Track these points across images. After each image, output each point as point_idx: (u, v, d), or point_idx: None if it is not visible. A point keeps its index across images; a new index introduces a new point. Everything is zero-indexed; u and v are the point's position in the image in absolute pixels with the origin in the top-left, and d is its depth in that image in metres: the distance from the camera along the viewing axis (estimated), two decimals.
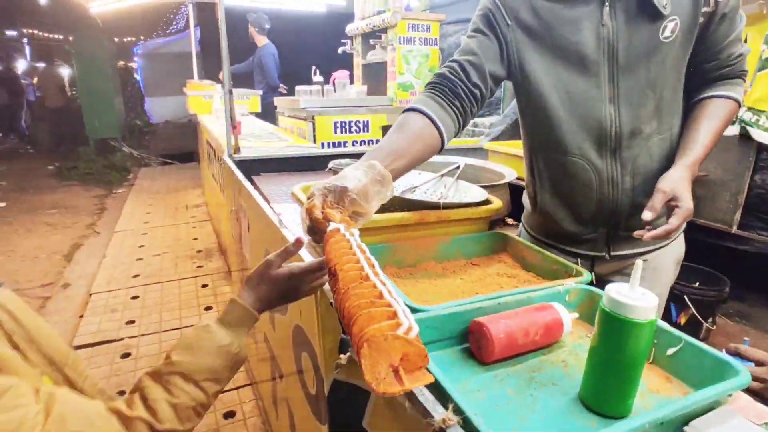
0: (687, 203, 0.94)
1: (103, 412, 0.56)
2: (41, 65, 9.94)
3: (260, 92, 5.03)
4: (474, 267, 1.18)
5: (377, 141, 3.28)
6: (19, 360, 0.57)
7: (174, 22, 12.32)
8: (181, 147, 8.44)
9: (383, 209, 1.33)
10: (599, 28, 1.00)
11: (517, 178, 1.93)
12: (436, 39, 3.42)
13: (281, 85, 5.29)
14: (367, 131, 3.20)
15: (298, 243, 0.65)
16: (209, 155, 3.76)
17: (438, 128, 1.02)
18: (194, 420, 0.63)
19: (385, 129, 3.34)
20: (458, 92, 1.06)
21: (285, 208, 1.44)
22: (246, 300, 0.67)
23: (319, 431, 1.03)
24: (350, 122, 3.13)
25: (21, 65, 11.17)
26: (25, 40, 18.94)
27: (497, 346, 0.74)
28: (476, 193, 1.39)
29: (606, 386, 0.64)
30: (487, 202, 1.29)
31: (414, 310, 0.84)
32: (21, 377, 0.53)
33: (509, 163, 2.14)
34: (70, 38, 8.82)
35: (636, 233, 0.96)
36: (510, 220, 1.66)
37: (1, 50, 14.25)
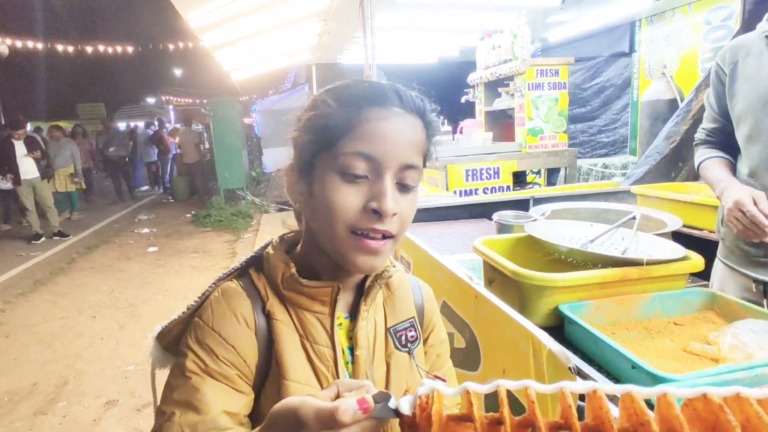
0: None
1: None
2: (181, 126, 11.50)
3: None
4: (679, 327, 1.11)
5: (508, 187, 3.25)
6: None
7: (285, 82, 13.96)
8: None
9: (574, 267, 1.28)
10: None
11: (685, 226, 1.78)
12: (564, 83, 3.37)
13: None
14: (498, 177, 3.18)
15: (364, 409, 0.41)
16: None
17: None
18: None
19: (516, 174, 3.31)
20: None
21: (443, 258, 1.48)
22: None
23: None
24: (481, 169, 3.14)
25: (167, 128, 13.04)
26: (170, 106, 22.31)
27: None
28: (665, 246, 1.31)
29: None
30: (687, 257, 1.21)
31: (660, 380, 0.79)
32: None
33: (663, 207, 1.99)
34: (206, 101, 10.11)
35: None
36: None
37: (152, 116, 16.82)
